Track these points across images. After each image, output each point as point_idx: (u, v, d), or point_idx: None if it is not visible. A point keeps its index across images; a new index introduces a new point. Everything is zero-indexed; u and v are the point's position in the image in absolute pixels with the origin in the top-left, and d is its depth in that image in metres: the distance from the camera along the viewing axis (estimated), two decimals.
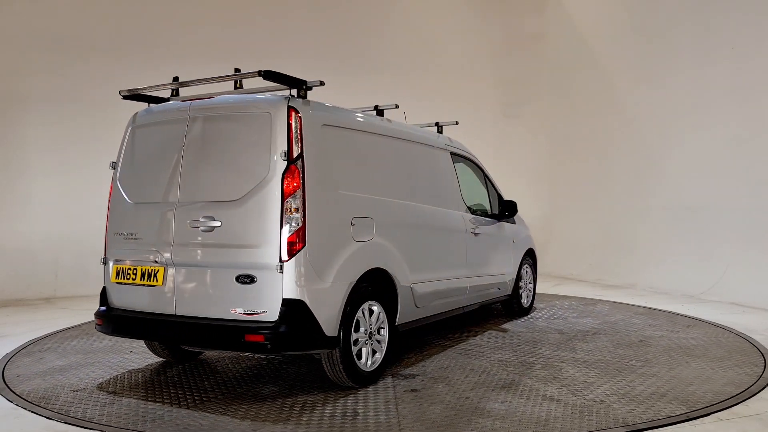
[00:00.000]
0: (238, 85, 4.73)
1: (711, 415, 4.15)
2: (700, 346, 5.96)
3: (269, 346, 4.12)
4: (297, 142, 4.28)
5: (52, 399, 4.52)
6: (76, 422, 4.06)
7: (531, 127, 13.36)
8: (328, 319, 4.32)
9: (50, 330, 6.97)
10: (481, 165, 7.10)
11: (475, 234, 6.42)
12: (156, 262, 4.57)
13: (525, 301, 7.76)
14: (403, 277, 5.13)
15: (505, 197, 7.26)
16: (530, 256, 7.92)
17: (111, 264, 4.85)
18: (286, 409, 4.26)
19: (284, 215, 4.17)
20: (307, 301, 4.19)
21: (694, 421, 4.06)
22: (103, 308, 4.87)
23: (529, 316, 7.73)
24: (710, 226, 9.46)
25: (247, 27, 11.18)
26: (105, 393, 4.65)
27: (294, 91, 4.50)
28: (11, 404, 4.44)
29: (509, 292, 7.37)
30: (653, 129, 10.64)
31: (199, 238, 4.42)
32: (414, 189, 5.60)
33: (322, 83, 4.50)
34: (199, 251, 4.42)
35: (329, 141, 4.57)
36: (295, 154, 4.25)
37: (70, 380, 5.02)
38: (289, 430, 3.87)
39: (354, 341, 4.58)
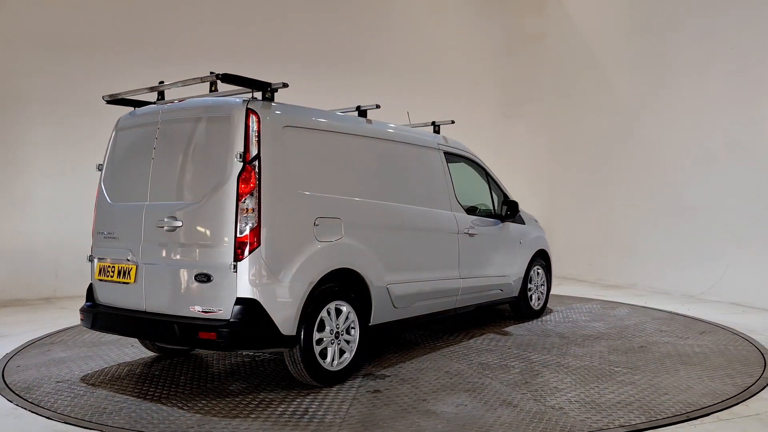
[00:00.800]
0: (213, 89, 4.78)
1: (711, 415, 4.15)
2: (701, 354, 5.79)
3: (222, 344, 4.25)
4: (254, 143, 4.37)
5: (34, 388, 4.74)
6: (77, 422, 4.07)
7: (531, 127, 13.36)
8: (285, 318, 4.38)
9: (50, 330, 6.97)
10: (483, 165, 7.02)
11: (471, 235, 6.35)
12: (128, 260, 4.79)
13: (535, 304, 7.60)
14: (377, 278, 5.13)
15: (511, 197, 7.18)
16: (543, 258, 7.77)
17: (95, 262, 5.11)
18: (242, 405, 4.34)
19: (239, 215, 4.27)
20: (261, 300, 4.27)
21: (694, 421, 4.07)
22: (88, 304, 5.12)
23: (540, 318, 7.55)
24: (710, 226, 9.46)
25: (247, 27, 11.18)
26: (84, 385, 4.83)
27: (259, 94, 4.61)
28: (11, 404, 4.45)
29: (516, 294, 7.24)
30: (653, 129, 10.64)
31: (164, 238, 4.60)
32: (394, 189, 5.55)
33: (285, 85, 4.56)
34: (164, 251, 4.60)
35: (291, 142, 4.62)
36: (251, 156, 4.34)
37: (60, 371, 5.23)
38: (234, 425, 3.96)
39: (318, 340, 4.63)
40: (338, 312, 4.82)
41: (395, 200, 5.52)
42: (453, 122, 6.85)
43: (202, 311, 4.37)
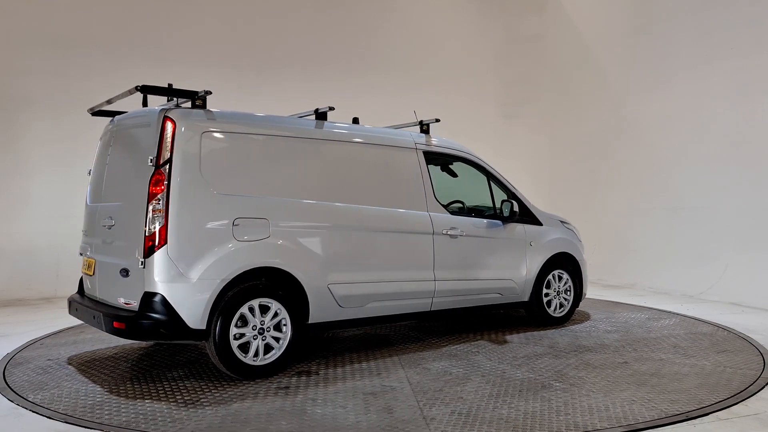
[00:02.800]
0: (144, 104, 5.19)
1: (710, 415, 4.16)
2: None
3: (129, 334, 4.72)
4: (167, 148, 4.72)
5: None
6: (77, 422, 4.08)
7: (531, 126, 13.37)
8: (192, 312, 4.66)
9: (51, 330, 6.98)
10: (483, 164, 6.79)
11: (453, 236, 6.18)
12: (89, 255, 5.51)
13: (555, 311, 7.13)
14: (314, 277, 5.23)
15: (521, 197, 6.96)
16: (569, 262, 7.27)
17: (82, 257, 5.75)
18: (156, 389, 4.76)
19: (148, 216, 4.66)
20: (167, 295, 4.62)
21: (693, 420, 4.08)
22: (76, 293, 5.79)
23: (561, 327, 7.02)
24: (710, 226, 9.46)
25: (248, 28, 11.18)
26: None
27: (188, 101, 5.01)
28: (11, 404, 4.46)
29: (524, 298, 6.88)
30: (653, 129, 10.65)
31: (106, 236, 5.23)
32: (344, 190, 5.58)
33: (208, 92, 4.96)
34: (106, 247, 5.24)
35: (211, 146, 4.92)
36: (163, 160, 4.70)
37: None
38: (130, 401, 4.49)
39: (238, 335, 4.85)
40: (266, 309, 4.98)
41: (345, 201, 5.54)
42: (438, 120, 6.66)
43: (125, 303, 4.86)
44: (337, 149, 5.66)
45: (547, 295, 7.09)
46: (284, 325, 5.06)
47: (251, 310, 4.92)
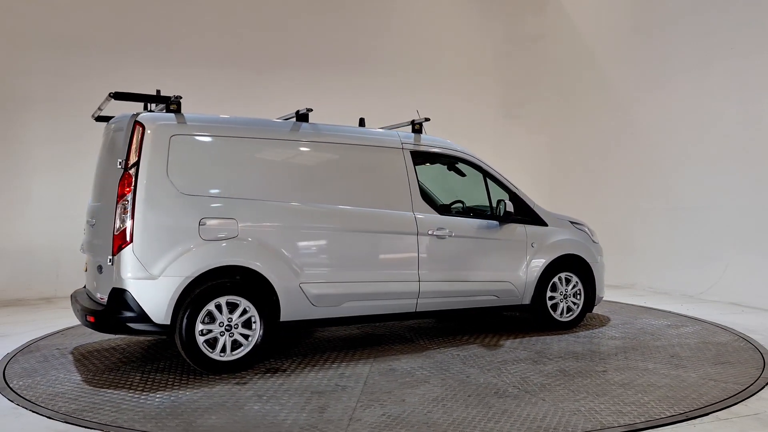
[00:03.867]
0: (149, 109, 5.43)
1: (710, 415, 4.16)
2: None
3: (99, 327, 5.02)
4: (136, 151, 4.96)
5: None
6: (77, 422, 4.09)
7: (531, 127, 13.36)
8: (157, 308, 4.89)
9: (51, 330, 6.98)
10: (480, 164, 6.66)
11: (440, 237, 6.10)
12: (83, 252, 5.83)
13: (562, 315, 6.86)
14: (284, 276, 5.33)
15: (524, 197, 6.79)
16: (578, 265, 6.95)
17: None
18: (129, 380, 5.03)
19: (116, 215, 4.93)
20: (132, 291, 4.87)
21: (693, 420, 4.08)
22: (81, 288, 6.03)
23: (567, 332, 6.76)
24: (710, 226, 9.46)
25: (249, 28, 11.18)
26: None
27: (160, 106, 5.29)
28: (11, 404, 4.46)
29: (525, 301, 6.67)
30: (653, 129, 10.65)
31: (90, 235, 5.59)
32: (321, 191, 5.64)
33: (178, 97, 5.20)
34: (90, 245, 5.57)
35: (179, 149, 5.10)
36: (131, 163, 4.95)
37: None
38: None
39: (204, 331, 5.03)
40: (235, 306, 5.13)
41: (320, 202, 5.60)
42: (428, 119, 6.58)
43: (100, 297, 5.15)
44: (314, 151, 5.76)
45: (552, 298, 6.83)
46: (254, 322, 5.20)
47: (218, 307, 5.08)
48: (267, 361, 5.53)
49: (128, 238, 4.86)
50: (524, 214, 6.74)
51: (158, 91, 5.44)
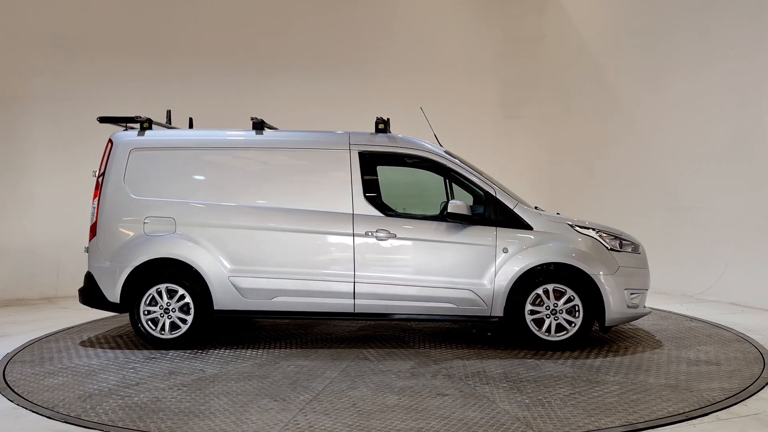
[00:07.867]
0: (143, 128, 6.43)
1: (710, 415, 4.16)
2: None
3: (81, 300, 6.28)
4: (104, 163, 6.23)
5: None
6: (77, 422, 4.09)
7: (531, 127, 13.36)
8: (109, 289, 6.06)
9: (52, 330, 7.00)
10: (443, 162, 6.20)
11: (380, 238, 5.96)
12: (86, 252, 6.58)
13: (548, 334, 5.93)
14: (215, 269, 6.03)
15: (500, 197, 6.11)
16: (575, 276, 5.95)
17: None
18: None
19: (92, 215, 6.22)
20: (95, 275, 6.15)
21: (693, 420, 4.08)
22: None
23: (570, 355, 5.83)
24: (710, 226, 9.46)
25: (250, 29, 11.18)
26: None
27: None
28: (11, 404, 4.47)
29: (494, 313, 5.95)
30: (653, 129, 10.65)
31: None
32: (258, 192, 6.18)
33: (149, 119, 6.32)
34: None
35: (136, 160, 6.19)
36: (101, 172, 6.23)
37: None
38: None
39: (146, 312, 6.03)
40: (174, 293, 6.03)
41: (257, 202, 6.14)
42: (388, 119, 6.39)
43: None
44: (258, 156, 6.36)
45: (535, 312, 5.97)
46: (191, 308, 6.03)
47: (159, 293, 6.03)
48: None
49: (94, 233, 6.17)
50: (499, 215, 6.06)
51: (169, 112, 6.85)
